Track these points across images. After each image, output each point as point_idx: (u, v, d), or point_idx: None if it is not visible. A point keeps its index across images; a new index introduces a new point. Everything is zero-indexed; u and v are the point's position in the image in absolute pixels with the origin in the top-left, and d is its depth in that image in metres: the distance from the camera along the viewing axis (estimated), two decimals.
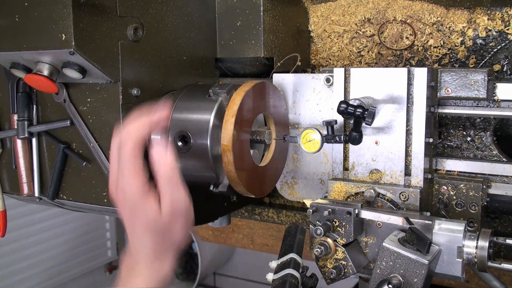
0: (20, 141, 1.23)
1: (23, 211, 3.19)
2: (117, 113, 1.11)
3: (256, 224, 1.96)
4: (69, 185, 1.21)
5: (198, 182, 1.15)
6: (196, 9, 1.34)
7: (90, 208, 1.21)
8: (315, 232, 1.03)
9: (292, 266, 1.04)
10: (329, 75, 1.21)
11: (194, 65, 1.34)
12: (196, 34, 1.33)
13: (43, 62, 1.08)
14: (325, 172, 1.27)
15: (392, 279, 0.92)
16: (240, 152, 1.09)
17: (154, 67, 1.20)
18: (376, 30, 1.48)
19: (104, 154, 1.13)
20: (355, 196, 1.16)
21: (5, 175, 1.31)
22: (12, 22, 1.06)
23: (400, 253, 0.93)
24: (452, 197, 1.19)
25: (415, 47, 1.43)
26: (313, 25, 1.57)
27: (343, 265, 1.05)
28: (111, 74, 1.09)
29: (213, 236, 2.12)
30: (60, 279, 3.56)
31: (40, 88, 1.11)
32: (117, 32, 1.10)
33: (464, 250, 0.97)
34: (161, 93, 1.22)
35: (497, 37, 1.33)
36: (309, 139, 1.16)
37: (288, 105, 1.28)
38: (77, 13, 1.00)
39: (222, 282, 4.29)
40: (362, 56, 1.51)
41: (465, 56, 1.36)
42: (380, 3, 1.47)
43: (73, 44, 1.00)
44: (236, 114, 1.06)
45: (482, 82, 1.13)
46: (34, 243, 3.35)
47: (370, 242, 1.10)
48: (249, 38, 1.37)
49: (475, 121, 1.34)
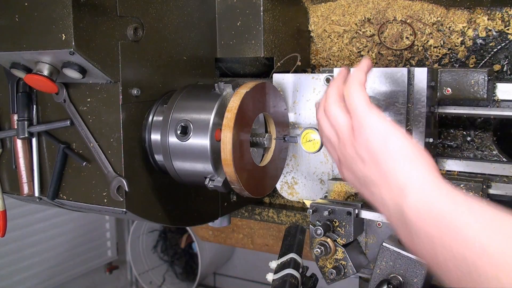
0: (20, 141, 1.23)
1: (23, 211, 3.19)
2: (117, 113, 1.11)
3: (256, 224, 1.96)
4: (69, 185, 1.21)
5: (194, 176, 1.15)
6: (196, 9, 1.34)
7: (90, 208, 1.21)
8: (315, 232, 1.03)
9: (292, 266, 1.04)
10: (329, 75, 1.21)
11: (194, 65, 1.34)
12: (196, 34, 1.33)
13: (43, 62, 1.07)
14: (325, 172, 1.27)
15: (392, 279, 0.92)
16: (240, 152, 1.09)
17: (154, 67, 1.20)
18: (376, 30, 1.48)
19: (104, 154, 1.13)
20: (355, 196, 1.16)
21: (5, 175, 1.31)
22: (12, 22, 1.06)
23: (400, 253, 0.93)
24: None
25: (415, 47, 1.43)
26: (313, 25, 1.57)
27: (343, 265, 1.05)
28: (111, 74, 1.09)
29: (213, 236, 2.12)
30: (60, 279, 3.56)
31: (40, 88, 1.11)
32: (117, 32, 1.10)
33: None
34: (161, 93, 1.22)
35: (497, 37, 1.33)
36: (309, 139, 1.17)
37: (288, 105, 1.28)
38: (77, 13, 1.00)
39: (222, 282, 4.29)
40: (362, 56, 1.51)
41: (465, 56, 1.36)
42: (380, 3, 1.47)
43: (73, 44, 1.00)
44: (236, 114, 1.06)
45: (482, 82, 1.13)
46: (34, 243, 3.35)
47: (370, 242, 1.10)
48: (249, 38, 1.37)
49: (475, 121, 1.34)
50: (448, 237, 0.66)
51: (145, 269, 4.05)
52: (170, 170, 1.18)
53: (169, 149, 1.15)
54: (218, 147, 1.08)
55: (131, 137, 1.15)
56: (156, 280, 4.06)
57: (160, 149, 1.16)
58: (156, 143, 1.18)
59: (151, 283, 4.03)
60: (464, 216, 0.66)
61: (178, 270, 4.16)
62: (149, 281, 4.04)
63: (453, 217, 0.66)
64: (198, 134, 1.11)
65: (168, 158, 1.15)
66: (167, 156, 1.15)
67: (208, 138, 1.10)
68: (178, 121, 1.14)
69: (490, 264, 0.61)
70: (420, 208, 0.71)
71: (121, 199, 1.12)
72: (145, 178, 1.19)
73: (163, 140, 1.15)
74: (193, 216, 1.36)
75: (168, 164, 1.16)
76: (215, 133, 1.10)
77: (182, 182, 1.20)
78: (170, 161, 1.16)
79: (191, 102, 1.16)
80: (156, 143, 1.18)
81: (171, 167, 1.17)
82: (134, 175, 1.15)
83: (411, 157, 0.76)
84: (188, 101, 1.17)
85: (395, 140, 0.78)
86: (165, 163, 1.17)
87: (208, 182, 1.13)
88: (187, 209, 1.33)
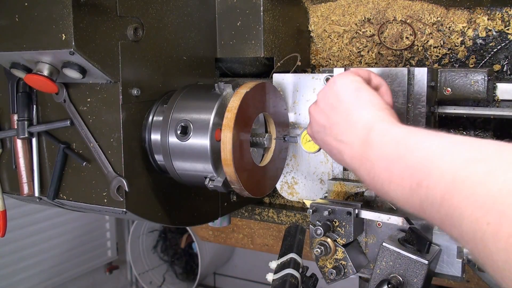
0: (20, 141, 1.23)
1: (23, 211, 3.19)
2: (117, 113, 1.11)
3: (256, 224, 1.96)
4: (69, 185, 1.21)
5: (194, 176, 1.15)
6: (196, 9, 1.34)
7: (90, 208, 1.21)
8: (315, 232, 1.03)
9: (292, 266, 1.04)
10: (329, 75, 1.21)
11: (194, 65, 1.34)
12: (196, 34, 1.33)
13: (43, 62, 1.07)
14: (325, 172, 1.27)
15: (392, 279, 0.92)
16: (240, 152, 1.09)
17: (154, 67, 1.20)
18: (376, 30, 1.48)
19: (104, 154, 1.13)
20: (355, 196, 1.16)
21: (5, 175, 1.31)
22: (12, 22, 1.06)
23: (400, 253, 0.93)
24: None
25: (415, 47, 1.43)
26: (313, 25, 1.57)
27: (343, 265, 1.05)
28: (111, 74, 1.09)
29: (213, 236, 2.12)
30: (60, 279, 3.56)
31: (40, 88, 1.11)
32: (117, 32, 1.10)
33: (464, 250, 0.97)
34: (161, 93, 1.22)
35: (497, 37, 1.33)
36: (309, 139, 1.17)
37: (288, 105, 1.28)
38: (77, 13, 1.00)
39: (222, 282, 4.29)
40: (362, 56, 1.51)
41: (465, 56, 1.36)
42: (380, 3, 1.47)
43: (73, 44, 1.00)
44: (236, 114, 1.06)
45: (482, 82, 1.13)
46: (34, 243, 3.35)
47: (370, 242, 1.10)
48: (249, 38, 1.37)
49: (475, 121, 1.34)
50: (404, 152, 0.71)
51: (145, 269, 4.05)
52: (170, 170, 1.18)
53: (169, 149, 1.15)
54: (218, 147, 1.08)
55: (131, 137, 1.15)
56: (156, 280, 4.06)
57: (160, 149, 1.16)
58: (156, 143, 1.18)
59: (151, 283, 4.03)
60: (419, 136, 0.72)
61: (178, 270, 4.16)
62: (149, 281, 4.04)
63: (410, 137, 0.73)
64: (198, 134, 1.11)
65: (168, 158, 1.16)
66: (167, 156, 1.15)
67: (208, 138, 1.10)
68: (178, 121, 1.14)
69: (441, 176, 0.62)
70: (382, 136, 0.78)
71: (121, 199, 1.12)
72: (145, 178, 1.19)
73: (163, 140, 1.15)
74: (193, 216, 1.36)
75: (168, 164, 1.16)
76: (215, 133, 1.10)
77: (182, 182, 1.20)
78: (170, 161, 1.16)
79: (191, 102, 1.16)
80: (156, 143, 1.18)
81: (171, 167, 1.17)
82: (134, 175, 1.15)
83: (378, 106, 0.86)
84: (188, 101, 1.17)
85: (365, 93, 0.89)
86: (165, 163, 1.17)
87: (208, 182, 1.13)
88: (187, 209, 1.33)
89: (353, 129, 0.85)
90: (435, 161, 0.64)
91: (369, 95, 0.89)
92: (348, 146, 0.86)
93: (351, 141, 0.85)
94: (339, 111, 0.90)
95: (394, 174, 0.71)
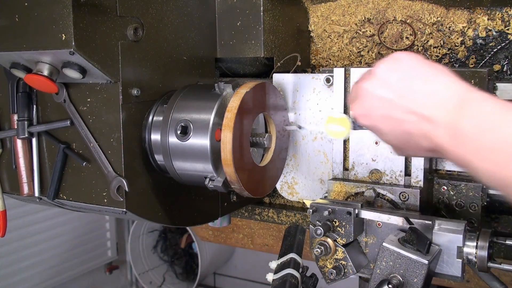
0: (20, 141, 1.23)
1: (23, 211, 3.19)
2: (117, 113, 1.11)
3: (256, 224, 1.96)
4: (69, 185, 1.21)
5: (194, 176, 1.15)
6: (196, 9, 1.34)
7: (90, 208, 1.21)
8: (315, 232, 1.03)
9: (292, 266, 1.04)
10: (329, 75, 1.21)
11: (194, 65, 1.34)
12: (196, 34, 1.33)
13: (43, 62, 1.07)
14: (325, 172, 1.27)
15: (392, 279, 0.92)
16: (240, 152, 1.09)
17: (154, 67, 1.20)
18: (376, 30, 1.48)
19: (104, 154, 1.13)
20: (355, 196, 1.16)
21: (5, 175, 1.31)
22: (12, 22, 1.06)
23: (400, 253, 0.93)
24: (452, 197, 1.19)
25: (415, 47, 1.43)
26: (313, 25, 1.57)
27: (343, 265, 1.05)
28: (111, 74, 1.09)
29: (213, 236, 2.12)
30: (60, 279, 3.56)
31: (40, 88, 1.11)
32: (117, 32, 1.10)
33: (464, 250, 0.97)
34: (161, 93, 1.22)
35: (497, 37, 1.33)
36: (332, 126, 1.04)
37: (288, 105, 1.28)
38: (77, 13, 1.00)
39: (222, 282, 4.29)
40: (362, 56, 1.51)
41: (465, 56, 1.36)
42: (380, 3, 1.47)
43: (73, 44, 1.00)
44: (236, 114, 1.06)
45: (482, 82, 1.13)
46: (34, 243, 3.35)
47: (370, 242, 1.10)
48: (249, 38, 1.37)
49: None
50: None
51: (145, 269, 4.05)
52: (170, 170, 1.18)
53: (169, 149, 1.15)
54: (218, 147, 1.08)
55: (131, 137, 1.15)
56: (156, 280, 4.06)
57: (160, 149, 1.16)
58: (156, 143, 1.18)
59: (151, 283, 4.03)
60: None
61: (178, 270, 4.16)
62: (149, 281, 4.04)
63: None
64: (198, 134, 1.11)
65: (168, 158, 1.16)
66: (167, 156, 1.15)
67: (208, 138, 1.10)
68: (178, 121, 1.14)
69: None
70: (479, 107, 0.74)
71: (121, 199, 1.12)
72: (145, 178, 1.19)
73: (163, 140, 1.15)
74: (193, 216, 1.36)
75: (168, 164, 1.16)
76: (215, 133, 1.10)
77: (182, 182, 1.20)
78: (170, 161, 1.16)
79: (191, 102, 1.16)
80: (156, 143, 1.18)
81: (171, 167, 1.17)
82: (134, 175, 1.15)
83: (457, 77, 0.80)
84: (188, 101, 1.17)
85: (437, 64, 0.83)
86: (165, 163, 1.17)
87: (208, 182, 1.13)
88: (187, 209, 1.33)
89: (437, 98, 0.78)
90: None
91: (442, 67, 0.82)
92: (429, 116, 0.79)
93: (432, 111, 0.78)
94: (412, 82, 0.82)
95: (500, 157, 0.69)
